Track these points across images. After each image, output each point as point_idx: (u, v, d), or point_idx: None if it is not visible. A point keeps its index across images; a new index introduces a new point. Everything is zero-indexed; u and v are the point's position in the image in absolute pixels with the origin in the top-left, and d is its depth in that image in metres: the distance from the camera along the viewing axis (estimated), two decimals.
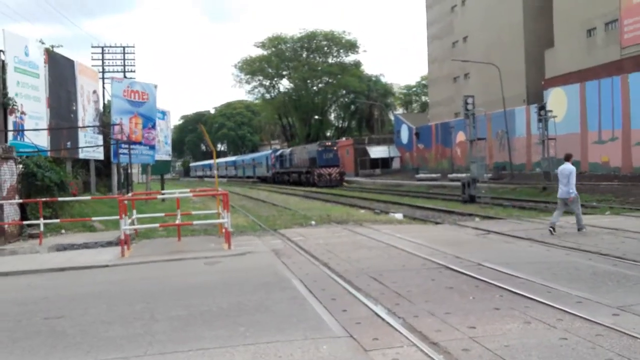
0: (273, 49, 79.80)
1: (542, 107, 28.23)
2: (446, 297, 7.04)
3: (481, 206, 21.65)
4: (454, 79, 58.00)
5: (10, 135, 17.16)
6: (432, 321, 6.00)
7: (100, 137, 25.11)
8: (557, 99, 36.48)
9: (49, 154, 18.80)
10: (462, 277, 8.13)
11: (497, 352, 4.92)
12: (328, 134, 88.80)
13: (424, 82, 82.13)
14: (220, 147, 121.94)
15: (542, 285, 7.36)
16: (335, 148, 50.81)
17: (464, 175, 31.75)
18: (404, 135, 62.39)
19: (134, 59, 45.86)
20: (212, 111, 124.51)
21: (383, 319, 6.14)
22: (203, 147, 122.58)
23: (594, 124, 34.01)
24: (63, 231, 15.17)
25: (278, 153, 63.94)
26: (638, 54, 31.98)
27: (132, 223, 13.39)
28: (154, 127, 26.49)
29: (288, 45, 79.78)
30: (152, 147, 26.76)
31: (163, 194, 21.12)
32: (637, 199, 21.40)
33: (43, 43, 20.42)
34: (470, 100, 23.83)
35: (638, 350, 4.86)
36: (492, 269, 8.57)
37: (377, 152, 63.05)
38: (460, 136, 46.96)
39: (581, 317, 5.86)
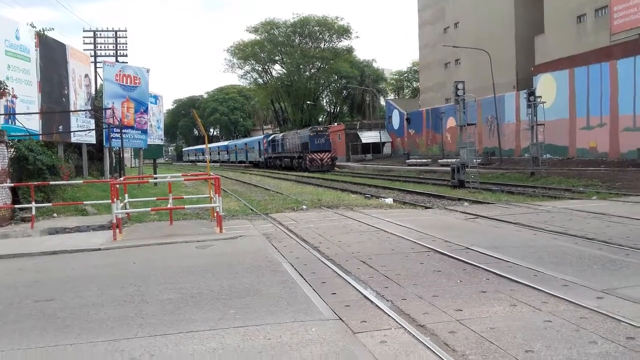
0: (266, 34, 79.47)
1: (531, 93, 28.29)
2: (434, 280, 7.15)
3: (470, 191, 21.78)
4: (444, 64, 57.99)
5: (1, 119, 17.06)
6: (420, 304, 6.10)
7: (92, 121, 24.99)
8: (547, 85, 36.61)
9: (40, 137, 18.72)
10: (450, 261, 8.23)
11: (483, 335, 5.01)
12: (320, 119, 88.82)
13: (415, 67, 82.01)
14: (213, 131, 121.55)
15: (528, 269, 7.48)
16: (327, 133, 50.82)
17: (453, 160, 31.87)
18: (395, 121, 62.45)
19: (126, 44, 45.49)
20: (205, 96, 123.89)
21: (372, 302, 6.22)
22: (196, 132, 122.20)
23: (583, 109, 34.21)
24: (55, 215, 15.16)
25: (270, 138, 63.84)
26: (627, 40, 32.09)
27: (124, 207, 13.41)
28: (146, 111, 26.36)
29: (281, 30, 79.45)
30: (144, 132, 26.65)
31: (155, 178, 21.11)
32: (624, 184, 21.62)
33: (34, 27, 20.24)
34: (460, 86, 23.84)
35: (622, 333, 4.94)
36: (479, 252, 8.69)
37: (368, 137, 63.17)
38: (451, 122, 47.11)
39: (566, 300, 5.96)
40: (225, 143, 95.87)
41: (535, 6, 43.32)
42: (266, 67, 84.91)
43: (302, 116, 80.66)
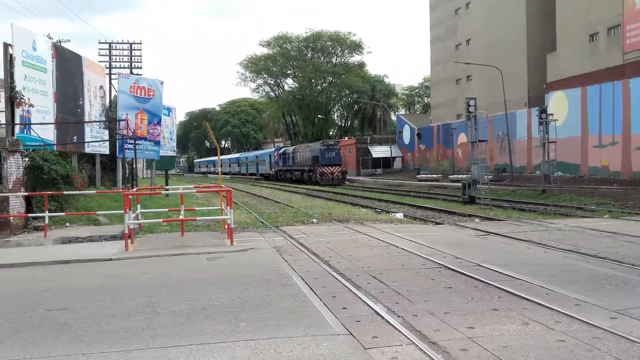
0: (278, 48, 79.91)
1: (543, 110, 28.20)
2: (445, 297, 7.12)
3: (481, 207, 21.70)
4: (456, 81, 58.01)
5: (17, 128, 17.26)
6: (431, 320, 6.08)
7: (106, 132, 25.22)
8: (559, 103, 36.52)
9: (55, 147, 18.92)
10: (461, 278, 8.21)
11: (495, 353, 4.99)
12: (331, 132, 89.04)
13: (426, 83, 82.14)
14: (224, 144, 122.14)
15: (540, 287, 7.44)
16: (337, 147, 50.84)
17: (464, 176, 31.81)
18: (406, 136, 62.47)
19: (140, 56, 45.92)
20: (217, 108, 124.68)
21: (383, 318, 6.21)
22: (207, 144, 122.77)
23: (595, 128, 34.06)
24: (68, 224, 15.28)
25: (281, 151, 63.98)
26: None
27: (136, 217, 13.51)
28: (159, 123, 26.62)
29: (293, 44, 79.89)
30: (157, 143, 26.88)
31: (167, 189, 21.23)
32: (636, 203, 21.44)
33: (51, 38, 20.54)
34: (472, 103, 23.82)
35: (635, 354, 4.92)
36: (491, 269, 8.66)
37: (379, 151, 63.16)
38: (462, 138, 47.05)
39: (579, 319, 5.93)
40: (237, 155, 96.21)
41: (548, 24, 43.30)
42: (278, 80, 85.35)
43: (313, 130, 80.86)
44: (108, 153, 25.41)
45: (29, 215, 14.55)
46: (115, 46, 45.52)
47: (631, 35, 33.35)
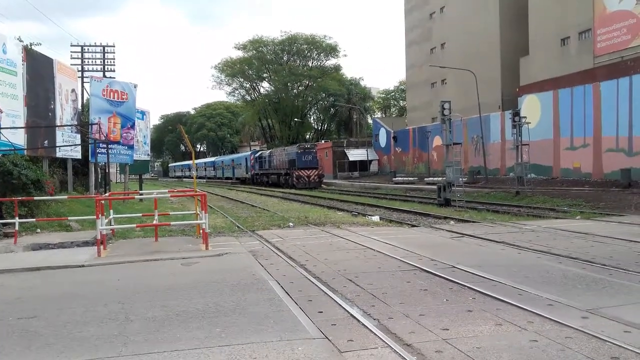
0: (254, 52, 79.84)
1: (516, 114, 28.66)
2: (420, 299, 7.16)
3: (456, 210, 21.90)
4: (431, 84, 58.59)
5: None
6: (406, 323, 6.10)
7: (78, 136, 24.80)
8: (531, 106, 37.09)
9: (25, 152, 18.56)
10: (436, 280, 8.25)
11: (469, 354, 5.02)
12: (307, 136, 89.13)
13: (402, 87, 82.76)
14: (200, 147, 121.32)
15: (513, 288, 7.52)
16: (314, 150, 50.94)
17: (440, 178, 32.07)
18: (382, 139, 62.80)
19: (114, 59, 45.45)
20: (192, 112, 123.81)
21: (358, 321, 6.21)
22: (182, 148, 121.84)
23: (567, 130, 34.65)
24: (39, 230, 14.98)
25: (257, 154, 63.82)
26: (610, 62, 32.66)
27: (109, 223, 13.29)
28: (132, 126, 26.25)
29: (269, 48, 79.92)
30: (131, 147, 26.51)
31: (141, 194, 20.96)
32: (607, 204, 21.88)
33: (21, 41, 20.18)
34: (446, 106, 24.06)
35: (606, 353, 4.99)
36: (465, 271, 8.73)
37: (355, 154, 63.40)
38: (437, 140, 47.48)
39: (551, 319, 6.00)
40: (212, 159, 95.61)
41: (520, 28, 44.06)
42: (254, 84, 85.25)
43: (290, 133, 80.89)
44: (80, 157, 25.00)
45: None
46: (88, 49, 44.94)
47: (602, 39, 34.06)
